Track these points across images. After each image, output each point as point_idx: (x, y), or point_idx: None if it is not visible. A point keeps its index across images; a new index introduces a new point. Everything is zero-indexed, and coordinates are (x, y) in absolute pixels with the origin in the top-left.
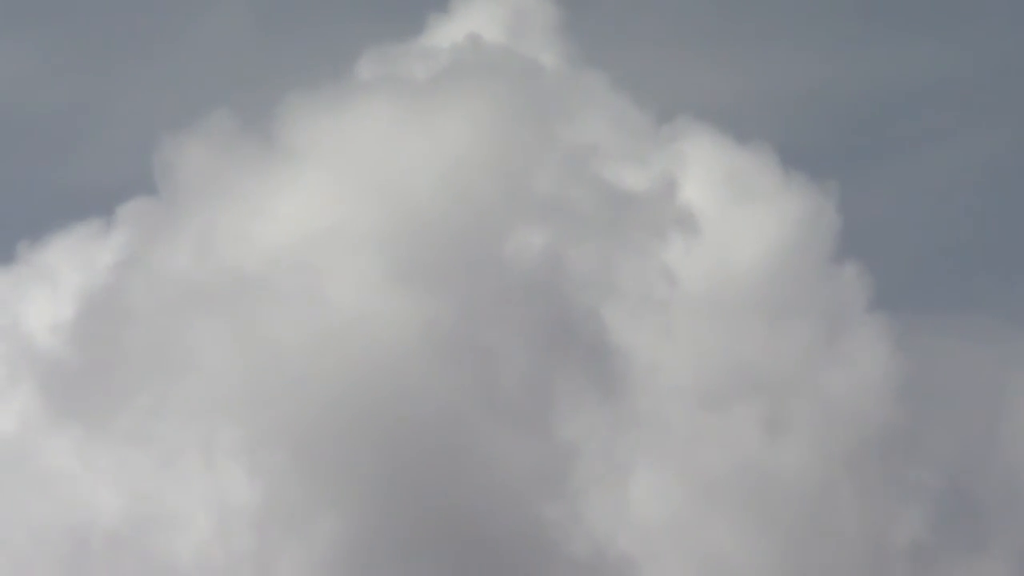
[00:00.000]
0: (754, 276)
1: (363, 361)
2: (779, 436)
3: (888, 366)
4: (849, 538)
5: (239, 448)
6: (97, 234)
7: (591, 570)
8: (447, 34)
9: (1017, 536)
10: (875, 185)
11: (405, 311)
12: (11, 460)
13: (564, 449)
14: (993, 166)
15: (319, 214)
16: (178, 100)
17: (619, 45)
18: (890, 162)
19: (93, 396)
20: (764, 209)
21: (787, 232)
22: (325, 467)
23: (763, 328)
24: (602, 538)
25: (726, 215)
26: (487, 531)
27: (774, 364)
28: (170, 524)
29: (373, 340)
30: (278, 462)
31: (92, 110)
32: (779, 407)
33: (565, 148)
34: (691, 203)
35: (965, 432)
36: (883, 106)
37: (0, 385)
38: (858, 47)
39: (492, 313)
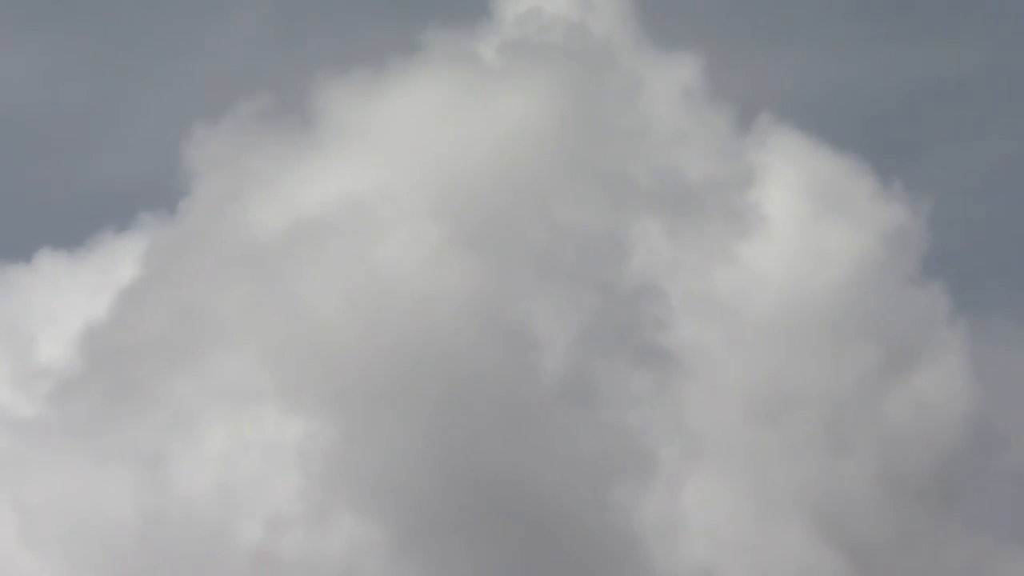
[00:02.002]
0: (830, 290)
1: (412, 327)
2: (843, 454)
3: (965, 388)
4: (911, 557)
5: (286, 417)
6: (133, 223)
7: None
8: (514, 13)
9: None
10: (971, 196)
11: (456, 279)
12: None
13: (609, 431)
14: None
15: (369, 181)
16: (224, 83)
17: (695, 31)
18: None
19: (134, 377)
20: (850, 219)
21: (872, 246)
22: (375, 433)
23: (833, 344)
24: (658, 538)
25: (807, 221)
26: (540, 504)
27: (841, 383)
28: (219, 497)
29: (424, 306)
30: (328, 428)
31: (122, 106)
32: (844, 425)
33: (629, 130)
34: (764, 203)
35: None
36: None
37: (44, 376)
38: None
39: (542, 286)
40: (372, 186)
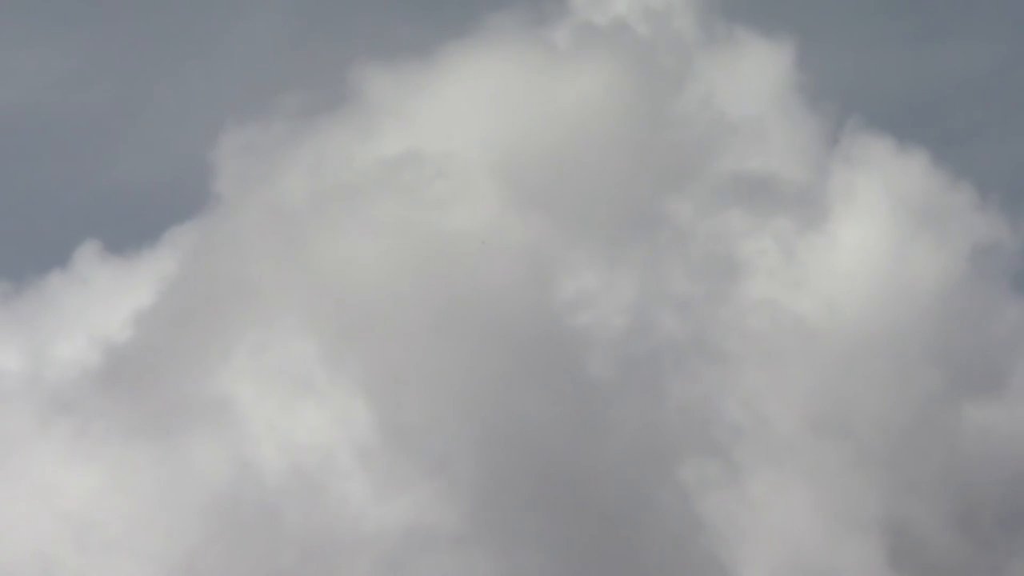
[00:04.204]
0: (914, 304)
1: (471, 296)
2: (915, 473)
3: None
4: None
5: (344, 393)
6: (168, 221)
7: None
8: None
9: None
10: None
11: (517, 247)
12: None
13: (673, 413)
14: None
15: (424, 150)
16: (262, 76)
17: (785, 19)
18: None
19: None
20: (941, 232)
21: (962, 262)
22: (433, 409)
23: (910, 360)
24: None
25: (896, 232)
26: (605, 485)
27: (915, 401)
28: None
29: (483, 274)
30: (384, 403)
31: (153, 105)
32: (918, 443)
33: (702, 116)
34: (849, 208)
35: None
36: None
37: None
38: None
39: (599, 265)
40: (427, 154)
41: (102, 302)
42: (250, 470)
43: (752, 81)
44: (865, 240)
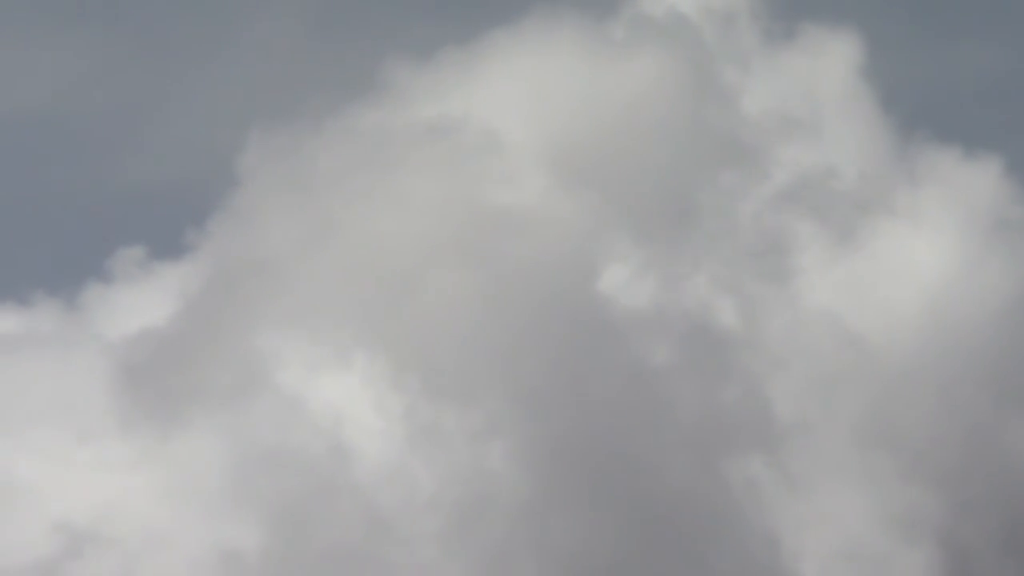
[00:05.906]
0: (976, 321)
1: (517, 263)
2: (966, 492)
3: None
4: None
5: (396, 373)
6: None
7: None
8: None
9: None
10: None
11: (567, 214)
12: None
13: (724, 406)
14: None
15: (466, 129)
16: (288, 73)
17: (851, 14)
18: None
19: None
20: (1008, 248)
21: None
22: (491, 376)
23: (962, 378)
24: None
25: (960, 248)
26: (654, 478)
27: (967, 419)
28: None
29: (529, 244)
30: (445, 369)
31: (176, 106)
32: (968, 461)
33: (754, 110)
34: (911, 221)
35: None
36: None
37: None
38: None
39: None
40: (466, 130)
41: (136, 298)
42: (301, 447)
43: (815, 78)
44: (928, 249)
